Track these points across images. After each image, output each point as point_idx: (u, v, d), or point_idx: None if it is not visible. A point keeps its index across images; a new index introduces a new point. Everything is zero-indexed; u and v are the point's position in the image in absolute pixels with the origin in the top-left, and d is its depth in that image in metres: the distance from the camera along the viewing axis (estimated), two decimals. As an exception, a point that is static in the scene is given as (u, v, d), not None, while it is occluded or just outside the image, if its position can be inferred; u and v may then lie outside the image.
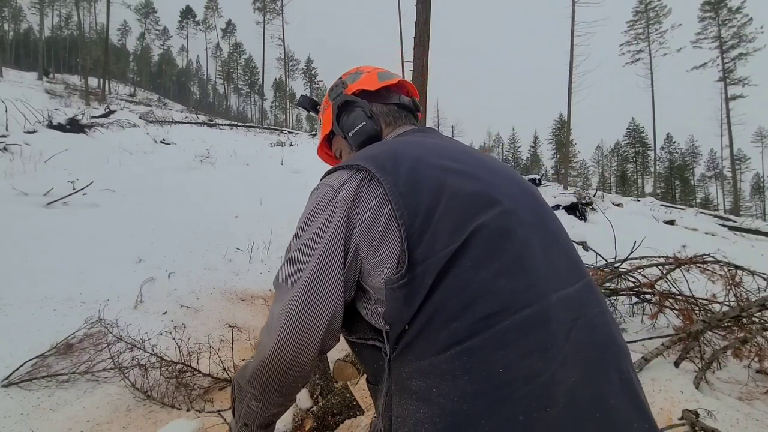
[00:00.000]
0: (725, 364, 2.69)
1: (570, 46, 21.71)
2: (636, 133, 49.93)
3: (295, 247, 0.71)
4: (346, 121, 0.92)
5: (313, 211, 0.71)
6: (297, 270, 0.68)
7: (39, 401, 2.04)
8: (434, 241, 0.60)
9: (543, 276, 0.61)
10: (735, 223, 12.64)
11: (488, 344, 0.54)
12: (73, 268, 3.24)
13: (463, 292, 0.58)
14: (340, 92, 0.96)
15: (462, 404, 0.53)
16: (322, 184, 0.75)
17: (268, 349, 0.67)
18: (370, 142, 0.89)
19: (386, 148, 0.74)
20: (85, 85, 22.12)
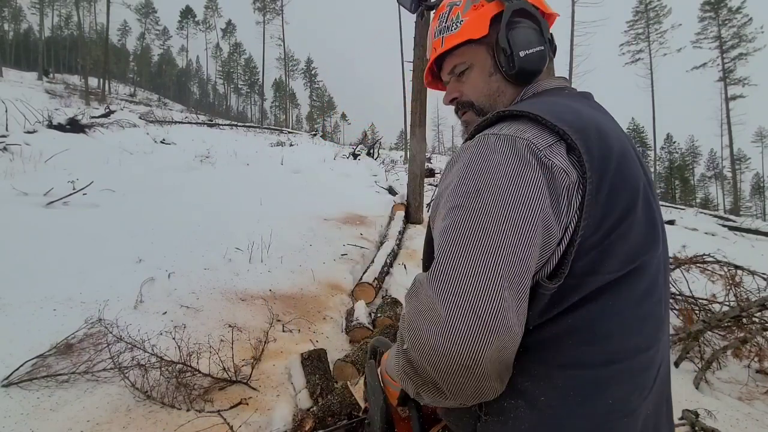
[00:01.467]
0: (725, 364, 2.69)
1: (570, 47, 21.72)
2: (636, 133, 49.92)
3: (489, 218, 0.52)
4: (516, 35, 0.69)
5: (508, 172, 0.54)
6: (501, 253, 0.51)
7: (39, 401, 2.04)
8: (602, 262, 0.56)
9: (656, 327, 0.62)
10: (735, 223, 12.64)
11: (606, 379, 0.56)
12: (73, 268, 3.24)
13: (603, 323, 0.57)
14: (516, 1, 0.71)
15: (568, 420, 0.55)
16: (506, 135, 0.57)
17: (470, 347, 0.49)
18: (531, 77, 0.72)
19: (583, 115, 0.60)
20: (85, 85, 22.13)
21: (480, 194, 0.53)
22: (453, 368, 0.50)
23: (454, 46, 0.73)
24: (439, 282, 0.52)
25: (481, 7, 0.72)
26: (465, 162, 0.58)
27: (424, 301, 0.53)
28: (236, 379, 2.36)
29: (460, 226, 0.53)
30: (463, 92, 0.77)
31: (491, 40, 0.71)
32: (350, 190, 7.31)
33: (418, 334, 0.52)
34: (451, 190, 0.58)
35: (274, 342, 2.79)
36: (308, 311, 3.44)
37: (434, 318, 0.51)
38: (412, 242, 5.04)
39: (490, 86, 0.74)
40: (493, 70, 0.73)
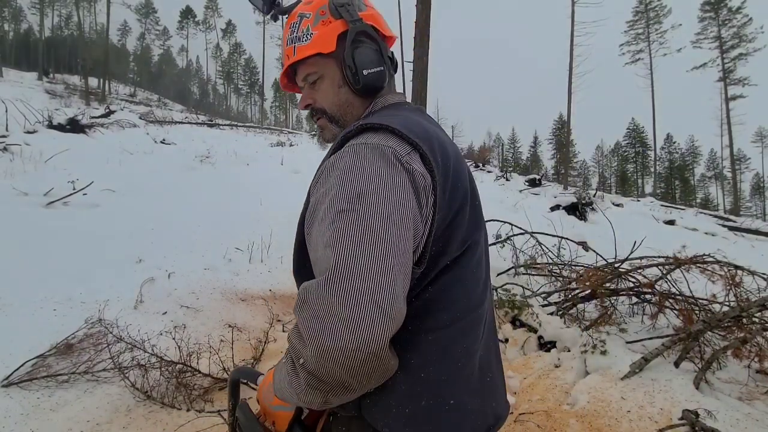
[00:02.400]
0: (725, 364, 2.69)
1: (570, 47, 21.71)
2: (636, 133, 49.92)
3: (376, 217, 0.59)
4: (360, 55, 0.77)
5: (378, 175, 0.61)
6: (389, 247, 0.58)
7: (39, 401, 2.04)
8: (447, 245, 0.70)
9: (484, 288, 0.80)
10: (735, 223, 12.64)
11: (459, 332, 0.72)
12: (73, 268, 3.24)
13: (452, 292, 0.72)
14: (357, 16, 0.78)
15: (436, 373, 0.69)
16: (372, 144, 0.64)
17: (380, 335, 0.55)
18: (375, 91, 0.81)
19: (424, 128, 0.71)
20: (85, 85, 22.13)
21: (362, 197, 0.60)
22: (361, 360, 0.55)
23: (305, 57, 0.80)
24: (335, 283, 0.56)
25: (329, 23, 0.79)
26: (342, 169, 0.63)
27: (320, 306, 0.56)
28: (236, 380, 2.36)
29: (349, 228, 0.58)
30: (316, 100, 0.84)
31: (338, 55, 0.79)
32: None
33: (320, 339, 0.55)
34: (332, 195, 0.62)
35: (274, 342, 2.79)
36: (308, 311, 3.43)
37: (335, 318, 0.55)
38: (412, 242, 5.03)
39: (339, 97, 0.82)
40: (341, 82, 0.81)
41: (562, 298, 3.75)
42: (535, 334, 3.16)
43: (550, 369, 2.68)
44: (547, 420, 2.21)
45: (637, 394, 2.22)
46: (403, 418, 0.68)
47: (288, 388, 0.66)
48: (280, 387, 0.70)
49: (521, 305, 3.38)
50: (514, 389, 2.58)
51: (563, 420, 2.18)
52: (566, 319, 3.38)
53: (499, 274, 4.27)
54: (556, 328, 3.09)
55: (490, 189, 10.59)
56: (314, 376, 0.58)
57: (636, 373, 2.34)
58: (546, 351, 3.00)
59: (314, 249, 0.65)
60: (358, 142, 0.67)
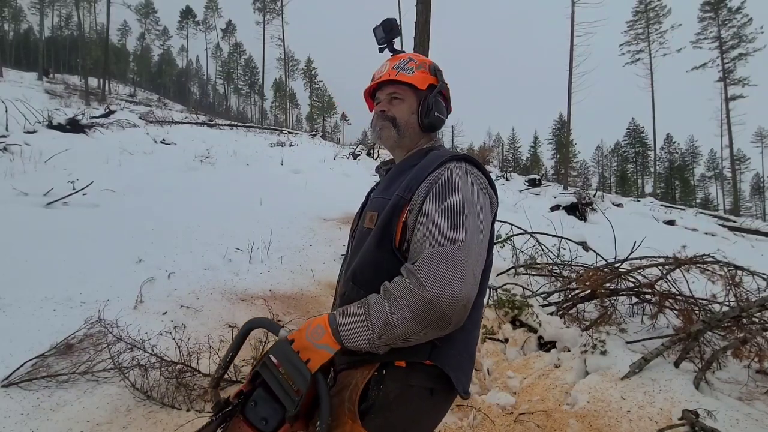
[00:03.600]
0: (725, 364, 2.69)
1: (570, 47, 21.71)
2: (636, 133, 49.90)
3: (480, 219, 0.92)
4: (437, 103, 1.11)
5: (478, 191, 0.96)
6: (481, 235, 0.90)
7: (39, 401, 2.04)
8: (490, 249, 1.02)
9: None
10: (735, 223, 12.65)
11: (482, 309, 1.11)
12: (73, 268, 3.23)
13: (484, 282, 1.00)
14: (446, 82, 1.16)
15: (473, 336, 1.04)
16: (469, 170, 0.99)
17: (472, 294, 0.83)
18: (431, 130, 1.15)
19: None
20: (85, 85, 22.14)
21: (472, 203, 0.92)
22: (461, 306, 0.81)
23: (402, 81, 1.11)
24: (461, 253, 0.83)
25: (426, 73, 1.13)
26: (460, 181, 0.95)
27: (446, 265, 0.82)
28: (236, 380, 2.36)
29: (468, 220, 0.88)
30: (391, 111, 1.13)
31: (422, 95, 1.12)
32: (350, 190, 7.30)
33: (442, 286, 0.80)
34: (455, 196, 0.91)
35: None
36: (308, 311, 3.43)
37: (454, 275, 0.81)
38: (412, 242, 5.03)
39: (409, 118, 1.13)
40: (415, 111, 1.12)
41: (562, 298, 3.75)
42: (535, 334, 3.16)
43: (550, 369, 2.68)
44: (547, 420, 2.21)
45: (637, 394, 2.22)
46: (459, 367, 0.97)
47: (359, 326, 0.85)
48: (347, 327, 0.86)
49: (521, 305, 3.38)
50: (514, 389, 2.58)
51: (563, 420, 2.18)
52: (566, 319, 3.38)
53: (499, 274, 4.27)
54: (556, 328, 3.09)
55: (490, 189, 10.58)
56: (423, 310, 0.80)
57: (636, 373, 2.34)
58: (546, 351, 3.00)
59: (438, 229, 0.87)
60: (463, 166, 0.99)
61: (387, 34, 1.18)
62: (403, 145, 1.15)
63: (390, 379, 0.92)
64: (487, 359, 2.99)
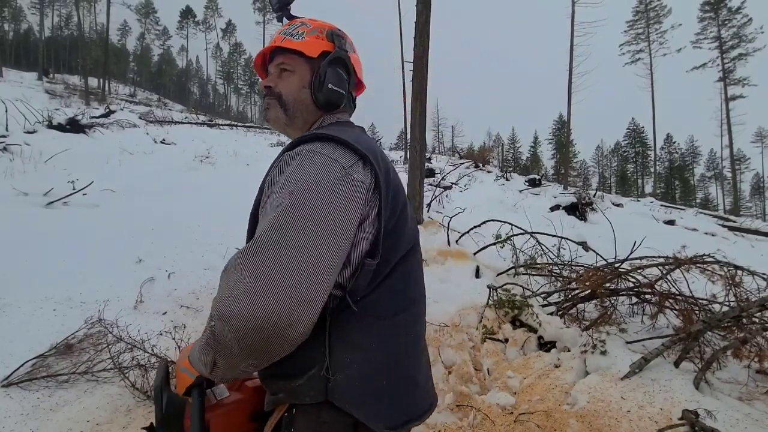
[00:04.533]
0: (725, 364, 2.69)
1: (570, 47, 21.69)
2: (636, 134, 49.89)
3: (311, 215, 0.68)
4: (332, 73, 0.91)
5: (322, 181, 0.71)
6: (309, 241, 0.67)
7: (39, 401, 2.04)
8: (397, 241, 0.83)
9: (423, 285, 0.96)
10: (735, 223, 12.64)
11: (411, 318, 0.87)
12: (73, 268, 3.24)
13: (404, 282, 0.86)
14: (344, 47, 0.95)
15: (395, 354, 0.82)
16: (320, 153, 0.74)
17: (272, 316, 0.62)
18: (329, 108, 0.94)
19: (370, 144, 0.84)
20: (85, 85, 22.13)
21: (303, 197, 0.69)
22: (250, 330, 0.62)
23: (289, 49, 0.92)
24: (251, 257, 0.65)
25: (321, 39, 0.94)
26: (293, 169, 0.74)
27: (233, 276, 0.65)
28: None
29: (285, 218, 0.67)
30: (278, 85, 0.94)
31: (315, 65, 0.92)
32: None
33: (223, 303, 0.65)
34: (280, 189, 0.72)
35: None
36: (308, 311, 3.43)
37: (240, 288, 0.63)
38: (412, 242, 5.03)
39: (299, 93, 0.93)
40: (307, 85, 0.93)
41: (562, 298, 3.75)
42: (535, 334, 3.16)
43: (550, 369, 2.68)
44: (547, 420, 2.21)
45: (637, 394, 2.22)
46: (369, 399, 0.77)
47: (196, 350, 0.75)
48: (193, 351, 0.78)
49: (521, 305, 3.38)
50: (514, 389, 2.58)
51: (563, 420, 2.18)
52: (566, 319, 3.38)
53: (499, 274, 4.27)
54: (556, 328, 3.09)
55: (490, 189, 10.59)
56: (213, 334, 0.66)
57: (636, 373, 2.34)
58: (546, 351, 3.00)
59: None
60: (308, 148, 0.77)
61: (279, 1, 1.01)
62: (295, 126, 0.95)
63: (301, 419, 0.77)
64: (487, 359, 2.99)
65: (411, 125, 6.24)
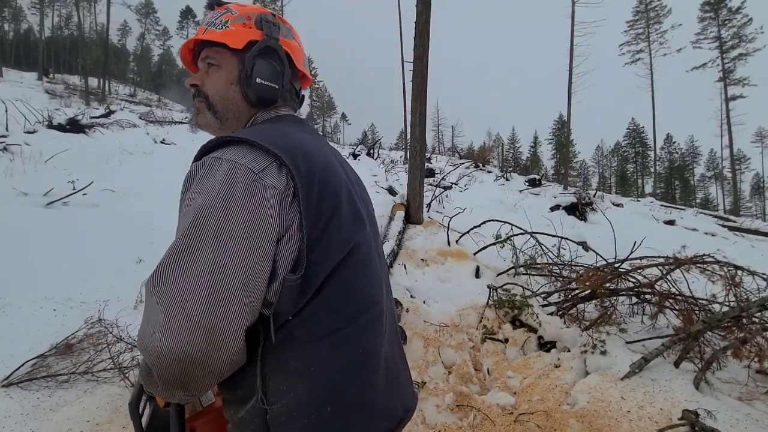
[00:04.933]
0: (725, 364, 2.69)
1: (570, 46, 21.69)
2: (636, 133, 49.90)
3: (208, 230, 0.62)
4: (262, 65, 0.81)
5: (230, 191, 0.63)
6: (219, 260, 0.61)
7: (39, 401, 2.04)
8: (327, 250, 0.71)
9: (379, 285, 0.82)
10: (735, 223, 12.63)
11: (356, 331, 0.73)
12: (73, 268, 3.24)
13: (343, 293, 0.73)
14: (275, 35, 0.84)
15: (338, 376, 0.70)
16: (227, 160, 0.66)
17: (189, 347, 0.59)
18: (263, 104, 0.85)
19: (292, 139, 0.74)
20: (85, 85, 22.13)
21: (202, 216, 0.63)
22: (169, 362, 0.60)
23: (211, 42, 0.83)
24: (157, 289, 0.61)
25: (248, 27, 0.83)
26: (195, 184, 0.67)
27: (148, 306, 0.62)
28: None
29: (182, 243, 0.63)
30: (205, 84, 0.85)
31: (242, 56, 0.82)
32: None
33: (142, 337, 0.61)
34: (184, 207, 0.67)
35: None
36: (308, 311, 3.44)
37: (153, 321, 0.60)
38: (412, 242, 5.04)
39: (227, 92, 0.84)
40: (235, 81, 0.83)
41: (562, 298, 3.75)
42: (535, 334, 3.16)
43: (550, 369, 2.68)
44: (547, 420, 2.21)
45: (637, 394, 2.22)
46: (310, 428, 0.68)
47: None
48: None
49: (521, 305, 3.38)
50: (514, 389, 2.58)
51: (563, 420, 2.18)
52: (566, 319, 3.38)
53: (499, 274, 4.27)
54: (556, 328, 3.09)
55: (490, 189, 10.58)
56: (141, 366, 0.68)
57: (636, 373, 2.34)
58: (546, 351, 3.00)
59: None
60: (214, 156, 0.68)
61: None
62: (229, 129, 0.86)
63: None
64: (487, 359, 2.99)
65: (411, 125, 6.24)
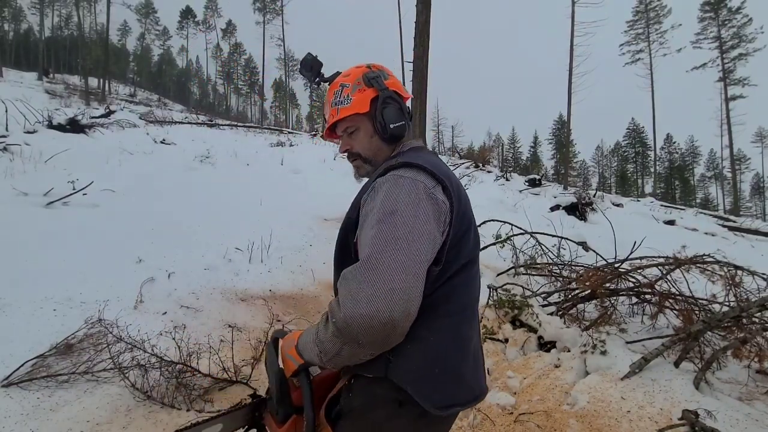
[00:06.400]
0: (725, 364, 2.69)
1: (570, 47, 21.71)
2: (636, 133, 49.89)
3: (403, 228, 0.83)
4: (388, 113, 1.04)
5: (413, 199, 0.86)
6: (410, 248, 0.82)
7: (39, 401, 2.04)
8: (459, 255, 0.95)
9: (478, 290, 1.08)
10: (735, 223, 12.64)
11: (463, 319, 0.99)
12: (73, 268, 3.24)
13: (461, 289, 0.98)
14: (384, 85, 1.06)
15: (448, 347, 0.94)
16: (408, 177, 0.90)
17: (393, 313, 0.78)
18: (399, 139, 1.08)
19: (443, 169, 0.98)
20: (85, 85, 22.15)
21: (395, 214, 0.85)
22: (371, 326, 0.77)
23: (346, 116, 1.07)
24: (365, 270, 0.81)
25: (363, 91, 1.06)
26: (385, 192, 0.89)
27: (353, 284, 0.80)
28: (236, 380, 2.36)
29: (382, 234, 0.83)
30: (353, 146, 1.11)
31: (371, 113, 1.06)
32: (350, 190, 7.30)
33: (349, 306, 0.79)
34: (377, 209, 0.87)
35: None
36: (308, 311, 3.44)
37: (361, 294, 0.78)
38: (412, 242, 5.03)
39: (372, 144, 1.09)
40: (373, 133, 1.08)
41: (562, 298, 3.75)
42: (535, 334, 3.16)
43: (550, 369, 2.68)
44: (547, 420, 2.21)
45: (637, 394, 2.22)
46: (421, 380, 0.90)
47: (310, 343, 0.90)
48: (304, 342, 0.94)
49: (521, 305, 3.38)
50: (514, 389, 2.58)
51: (563, 420, 2.18)
52: (566, 319, 3.38)
53: (499, 274, 4.27)
54: (556, 328, 3.09)
55: (490, 189, 10.58)
56: (339, 330, 0.81)
57: (636, 373, 2.34)
58: (546, 351, 3.00)
59: (362, 245, 0.87)
60: (398, 173, 0.92)
61: (311, 72, 1.16)
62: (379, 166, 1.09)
63: (357, 389, 0.95)
64: (487, 359, 2.99)
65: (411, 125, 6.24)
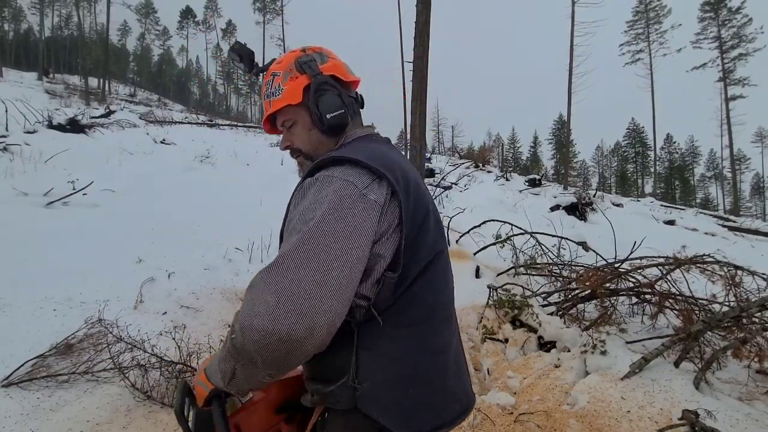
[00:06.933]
0: (725, 364, 2.69)
1: (570, 47, 21.70)
2: (636, 133, 49.87)
3: (321, 235, 0.72)
4: (323, 102, 0.92)
5: (338, 204, 0.75)
6: (326, 259, 0.71)
7: (39, 401, 2.04)
8: (417, 254, 0.84)
9: (451, 288, 0.98)
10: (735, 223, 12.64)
11: (436, 325, 0.88)
12: (73, 268, 3.23)
13: (427, 291, 0.87)
14: (318, 70, 0.93)
15: (421, 361, 0.84)
16: (337, 177, 0.78)
17: (294, 329, 0.67)
18: (341, 130, 0.95)
19: (390, 159, 0.85)
20: (85, 85, 22.14)
21: (318, 224, 0.73)
22: (268, 343, 0.67)
23: (279, 108, 0.96)
24: (271, 275, 0.70)
25: (295, 78, 0.94)
26: (310, 198, 0.78)
27: (256, 292, 0.70)
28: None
29: (300, 243, 0.71)
30: (293, 141, 0.99)
31: (306, 103, 0.94)
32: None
33: (245, 318, 0.69)
34: (296, 219, 0.77)
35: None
36: (308, 311, 3.43)
37: (263, 304, 0.68)
38: (412, 242, 5.04)
39: (311, 138, 0.97)
40: (311, 126, 0.95)
41: (562, 298, 3.75)
42: (535, 334, 3.16)
43: (550, 369, 2.68)
44: (547, 420, 2.21)
45: (637, 394, 2.22)
46: (395, 407, 0.80)
47: (215, 364, 0.80)
48: (212, 364, 0.83)
49: (521, 305, 3.38)
50: (514, 389, 2.58)
51: (563, 420, 2.18)
52: (566, 319, 3.38)
53: (499, 274, 4.27)
54: (556, 328, 3.09)
55: (490, 189, 10.58)
56: (234, 345, 0.71)
57: (636, 373, 2.34)
58: (546, 351, 3.00)
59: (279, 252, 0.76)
60: (325, 174, 0.80)
61: (243, 63, 1.03)
62: None
63: (333, 422, 0.84)
64: (487, 359, 2.99)
65: (411, 125, 6.25)
